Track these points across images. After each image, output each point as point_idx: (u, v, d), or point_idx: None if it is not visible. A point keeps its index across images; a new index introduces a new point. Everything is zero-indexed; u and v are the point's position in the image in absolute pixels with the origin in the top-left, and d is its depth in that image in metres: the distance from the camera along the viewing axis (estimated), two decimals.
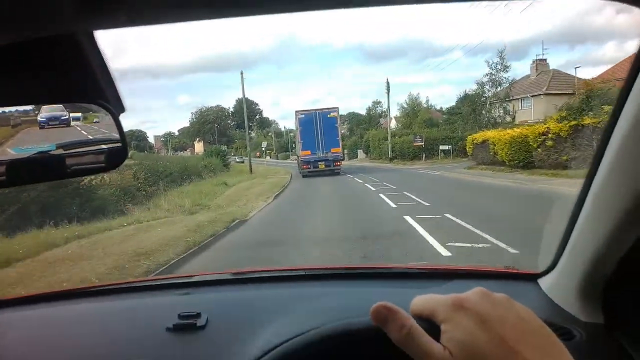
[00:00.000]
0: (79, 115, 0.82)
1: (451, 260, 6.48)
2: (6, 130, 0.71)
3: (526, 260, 5.67)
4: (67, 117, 0.79)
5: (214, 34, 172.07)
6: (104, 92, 0.61)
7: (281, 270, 1.70)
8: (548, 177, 17.06)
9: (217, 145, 66.16)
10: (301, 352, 0.91)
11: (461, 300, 0.51)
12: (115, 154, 0.75)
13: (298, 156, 32.46)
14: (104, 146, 0.75)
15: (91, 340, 1.22)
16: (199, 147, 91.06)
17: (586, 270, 1.00)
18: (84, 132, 0.80)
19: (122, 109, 0.66)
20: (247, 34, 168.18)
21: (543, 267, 1.24)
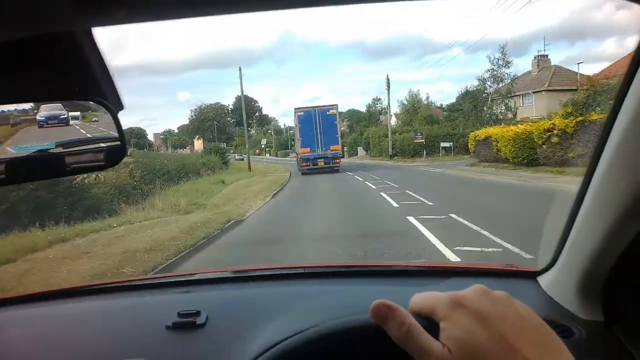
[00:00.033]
0: (77, 114, 0.82)
1: None
2: (6, 129, 0.72)
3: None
4: (66, 116, 0.79)
5: (213, 30, 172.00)
6: (102, 90, 0.61)
7: (281, 268, 1.70)
8: (554, 175, 16.58)
9: (217, 142, 66.00)
10: (301, 349, 0.91)
11: (460, 297, 0.51)
12: (114, 152, 0.74)
13: (297, 154, 32.65)
14: (102, 144, 0.75)
15: (91, 338, 1.21)
16: (198, 144, 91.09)
17: (586, 267, 1.00)
18: (82, 131, 0.81)
19: (120, 106, 0.66)
20: (247, 31, 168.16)
21: (543, 264, 1.24)
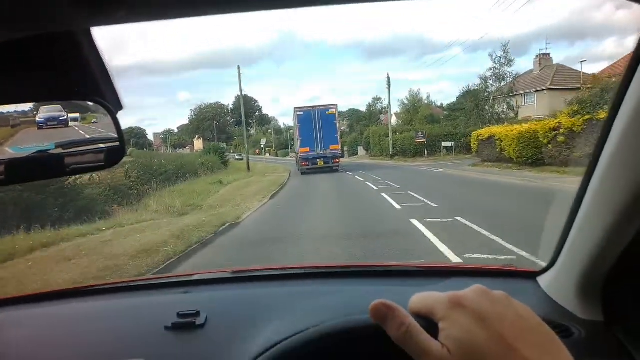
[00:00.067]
0: (77, 115, 0.81)
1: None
2: (6, 130, 0.72)
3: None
4: (65, 117, 0.79)
5: (214, 30, 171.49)
6: (101, 90, 0.60)
7: (280, 268, 1.70)
8: (560, 175, 16.05)
9: (217, 142, 65.52)
10: (300, 349, 0.92)
11: (459, 298, 0.50)
12: (114, 152, 0.74)
13: (297, 153, 32.71)
14: (102, 145, 0.75)
15: (90, 338, 1.21)
16: (198, 144, 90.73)
17: (585, 267, 0.99)
18: (81, 132, 0.80)
19: (120, 106, 0.65)
20: (247, 31, 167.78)
21: (542, 264, 1.24)
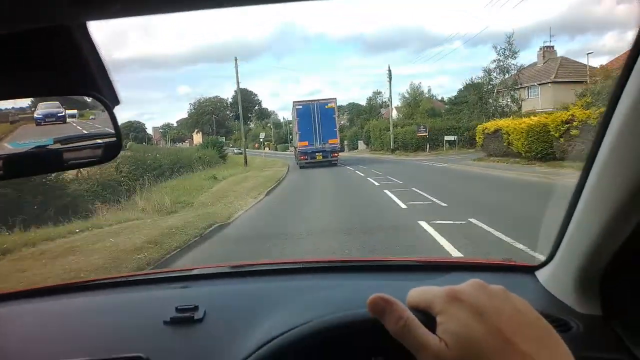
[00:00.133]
0: (74, 112, 0.82)
1: None
2: (5, 126, 0.72)
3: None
4: (63, 113, 0.79)
5: (213, 24, 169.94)
6: (98, 85, 0.60)
7: (279, 263, 1.71)
8: (575, 171, 15.11)
9: (216, 136, 64.44)
10: (298, 343, 0.91)
11: (457, 292, 0.51)
12: (110, 147, 0.74)
13: (295, 147, 32.54)
14: (99, 140, 0.75)
15: (89, 333, 1.21)
16: (197, 138, 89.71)
17: (583, 261, 0.99)
18: (79, 128, 0.80)
19: (116, 101, 0.65)
20: (246, 25, 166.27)
21: (541, 259, 1.23)
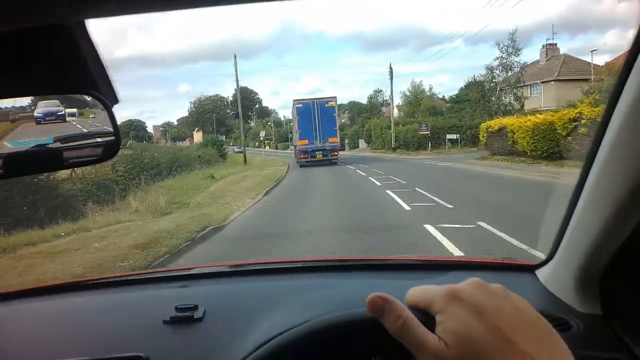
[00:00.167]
0: (74, 111, 0.82)
1: None
2: (6, 125, 0.73)
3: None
4: (63, 112, 0.79)
5: (213, 22, 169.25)
6: (96, 83, 0.59)
7: (279, 262, 1.70)
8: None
9: (216, 135, 64.02)
10: (297, 343, 0.91)
11: (456, 291, 0.50)
12: (109, 146, 0.74)
13: (295, 146, 32.35)
14: (99, 139, 0.75)
15: (89, 332, 1.20)
16: (197, 137, 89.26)
17: (583, 261, 1.00)
18: (78, 126, 0.81)
19: (115, 100, 0.65)
20: (247, 23, 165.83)
21: (541, 258, 1.23)
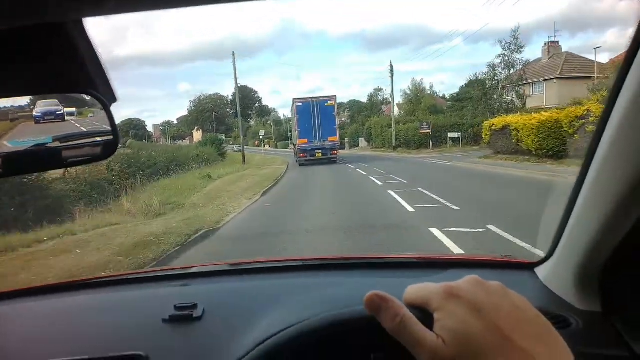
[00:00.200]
0: (73, 110, 0.83)
1: None
2: (5, 124, 0.73)
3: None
4: (62, 111, 0.80)
5: (214, 21, 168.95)
6: (94, 82, 0.59)
7: (278, 261, 1.70)
8: None
9: (215, 134, 63.60)
10: (295, 341, 0.92)
11: (454, 288, 0.50)
12: (107, 145, 0.74)
13: (295, 145, 32.22)
14: (99, 139, 0.76)
15: (89, 331, 1.21)
16: (197, 136, 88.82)
17: (583, 258, 0.99)
18: (77, 125, 0.82)
19: (113, 98, 0.64)
20: (248, 22, 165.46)
21: (541, 255, 1.23)
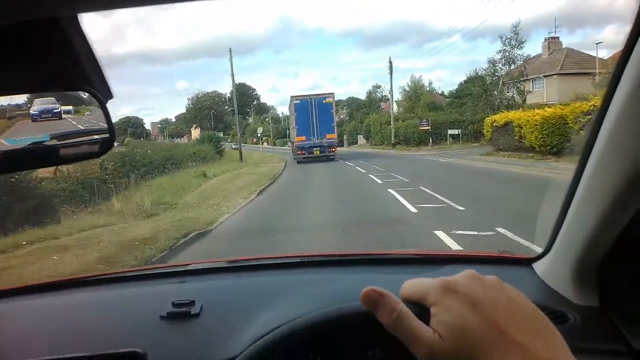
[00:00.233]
0: (70, 108, 0.83)
1: None
2: (2, 122, 0.73)
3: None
4: (59, 109, 0.80)
5: (212, 19, 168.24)
6: (90, 79, 0.59)
7: (275, 257, 1.71)
8: None
9: (213, 131, 63.09)
10: (292, 337, 0.92)
11: (451, 283, 0.50)
12: (103, 142, 0.74)
13: (292, 142, 32.09)
14: (96, 136, 0.76)
15: (86, 329, 1.21)
16: (195, 133, 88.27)
17: (580, 253, 1.00)
18: (74, 123, 0.83)
19: (109, 95, 0.64)
20: (246, 19, 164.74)
21: (538, 251, 1.24)
